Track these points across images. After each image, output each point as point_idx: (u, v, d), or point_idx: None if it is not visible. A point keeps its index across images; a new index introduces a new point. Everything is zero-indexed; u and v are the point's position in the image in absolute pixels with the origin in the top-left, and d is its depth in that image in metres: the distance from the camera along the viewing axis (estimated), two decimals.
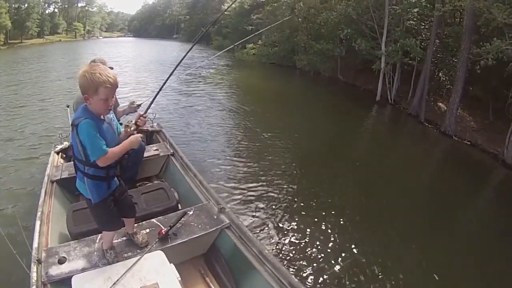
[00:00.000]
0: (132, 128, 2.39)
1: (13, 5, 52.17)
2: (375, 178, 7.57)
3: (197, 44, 46.71)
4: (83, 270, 2.51)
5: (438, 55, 14.60)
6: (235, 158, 7.76)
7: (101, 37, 77.21)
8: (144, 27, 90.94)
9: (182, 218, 3.07)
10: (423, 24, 14.68)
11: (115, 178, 2.44)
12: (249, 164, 7.50)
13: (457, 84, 11.72)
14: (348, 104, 15.91)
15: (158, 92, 3.04)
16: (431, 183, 8.09)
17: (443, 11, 12.06)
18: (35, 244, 2.74)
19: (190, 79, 17.72)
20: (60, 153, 4.99)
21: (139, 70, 21.12)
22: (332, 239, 5.11)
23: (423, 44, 14.35)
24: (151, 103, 2.96)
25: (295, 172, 7.35)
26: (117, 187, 2.47)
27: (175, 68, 3.21)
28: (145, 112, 2.60)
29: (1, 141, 8.52)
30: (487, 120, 12.12)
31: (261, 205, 5.79)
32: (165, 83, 3.10)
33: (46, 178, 4.02)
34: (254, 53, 29.36)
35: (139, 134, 2.35)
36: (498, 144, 10.08)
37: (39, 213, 3.21)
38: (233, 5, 40.45)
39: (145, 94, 12.79)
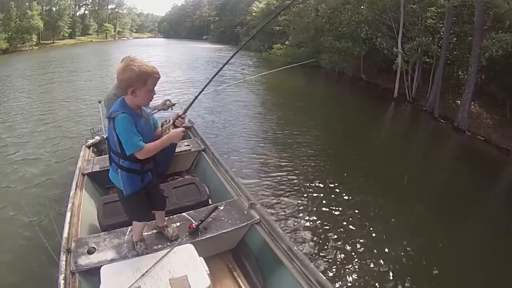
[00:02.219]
0: (168, 127, 2.39)
1: (45, 7, 53.68)
2: (389, 170, 7.86)
3: (227, 45, 48.00)
4: (112, 261, 2.55)
5: (455, 53, 14.97)
6: (263, 154, 8.07)
7: (131, 38, 78.63)
8: (173, 28, 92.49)
9: (213, 213, 3.10)
10: (442, 22, 14.90)
11: (149, 173, 2.47)
12: (277, 160, 7.75)
13: (470, 80, 12.18)
14: (367, 101, 16.55)
15: (197, 96, 2.99)
16: (442, 175, 8.29)
17: (451, 3, 12.49)
18: (65, 234, 2.80)
19: (219, 78, 18.38)
20: (91, 147, 5.10)
21: (172, 70, 21.75)
22: (357, 235, 5.20)
23: (440, 42, 14.65)
24: (190, 105, 2.92)
25: (320, 166, 7.67)
26: (150, 181, 2.49)
27: (217, 73, 3.21)
28: (184, 113, 2.58)
29: (35, 135, 8.95)
30: (504, 117, 12.30)
31: (291, 201, 5.93)
32: (206, 86, 3.13)
33: (77, 171, 4.10)
34: (281, 53, 30.04)
35: (181, 129, 2.37)
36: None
37: (69, 205, 3.28)
38: (260, 6, 41.33)
39: (181, 94, 13.34)
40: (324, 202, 6.08)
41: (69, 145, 8.08)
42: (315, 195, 6.30)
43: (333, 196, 6.34)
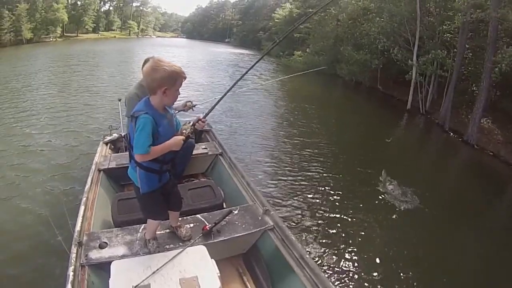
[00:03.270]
0: (188, 130, 2.40)
1: (70, 1, 55.63)
2: (398, 175, 7.91)
3: (249, 49, 48.52)
4: (123, 256, 2.57)
5: (470, 68, 15.22)
6: (279, 159, 8.27)
7: (154, 37, 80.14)
8: (197, 29, 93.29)
9: (227, 217, 3.11)
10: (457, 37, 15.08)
11: (167, 173, 2.49)
12: (291, 165, 7.92)
13: (481, 95, 12.38)
14: (381, 111, 17.11)
15: (219, 101, 2.94)
16: (448, 183, 8.83)
17: (466, 17, 12.89)
18: (77, 228, 2.83)
19: (240, 82, 18.71)
20: (109, 144, 5.13)
21: (195, 72, 22.27)
22: (367, 241, 5.38)
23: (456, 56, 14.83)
24: (212, 109, 2.85)
25: (333, 173, 7.86)
26: (167, 181, 2.51)
27: (239, 79, 3.20)
28: (205, 117, 2.60)
29: (53, 127, 9.09)
30: None
31: (305, 207, 6.04)
32: (227, 92, 3.09)
33: (93, 166, 4.13)
34: (301, 60, 30.44)
35: (181, 137, 2.34)
36: None
37: (84, 199, 3.30)
38: (283, 13, 41.91)
39: (202, 96, 13.55)
40: (335, 206, 6.34)
41: (86, 140, 8.22)
42: (328, 200, 6.51)
43: (344, 201, 6.57)
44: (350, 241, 5.33)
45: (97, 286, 2.44)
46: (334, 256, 4.89)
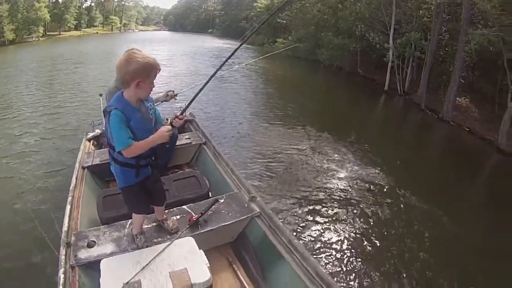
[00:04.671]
0: (166, 124, 2.35)
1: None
2: (375, 152, 8.67)
3: (232, 39, 48.42)
4: (112, 254, 2.55)
5: (447, 49, 15.58)
6: (264, 146, 8.36)
7: (136, 30, 79.08)
8: (179, 21, 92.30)
9: (213, 206, 3.10)
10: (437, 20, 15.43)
11: (148, 167, 2.44)
12: (275, 149, 8.18)
13: (455, 74, 12.85)
14: (360, 94, 17.61)
15: (196, 95, 2.78)
16: (425, 159, 9.29)
17: (438, 3, 13.43)
18: (64, 228, 2.79)
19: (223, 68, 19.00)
20: (92, 140, 5.07)
21: (177, 62, 22.59)
22: (351, 225, 5.55)
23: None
24: (189, 105, 2.73)
25: (315, 152, 8.26)
26: (147, 176, 2.46)
27: (213, 74, 2.97)
28: (182, 113, 2.52)
29: (36, 127, 9.14)
30: (493, 113, 12.85)
31: (291, 193, 6.17)
32: (203, 87, 2.89)
33: (77, 164, 4.07)
34: (283, 47, 30.56)
35: (167, 127, 2.25)
36: (497, 132, 10.97)
37: (69, 198, 3.27)
38: (265, 2, 41.79)
39: (185, 85, 13.06)
40: (319, 186, 6.65)
41: (70, 137, 8.25)
42: (312, 181, 6.77)
43: (326, 178, 7.01)
44: (337, 222, 5.53)
45: (88, 286, 2.44)
46: (321, 239, 5.06)
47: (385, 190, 6.88)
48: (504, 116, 10.75)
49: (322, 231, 5.35)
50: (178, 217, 3.03)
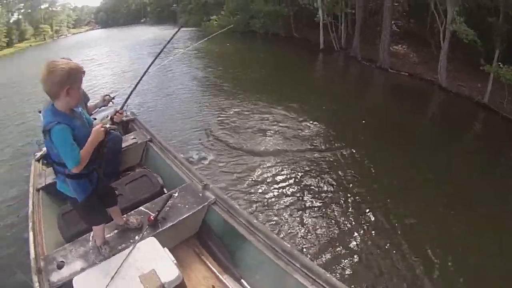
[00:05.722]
0: (108, 124, 2.32)
1: None
2: (315, 105, 9.23)
3: (165, 25, 47.14)
4: (82, 270, 2.55)
5: (378, 1, 15.81)
6: (213, 129, 8.17)
7: (69, 35, 75.19)
8: (111, 16, 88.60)
9: (169, 201, 3.11)
10: None
11: (94, 172, 2.41)
12: (222, 126, 8.21)
13: (385, 22, 13.12)
14: (298, 55, 17.89)
15: (134, 88, 2.74)
16: (377, 104, 9.86)
17: None
18: (32, 255, 2.78)
19: (160, 57, 18.34)
20: (41, 160, 4.90)
21: (112, 61, 20.87)
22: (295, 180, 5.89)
23: None
24: (128, 98, 2.70)
25: (254, 116, 8.65)
26: (97, 180, 2.46)
27: (151, 64, 2.88)
28: (122, 108, 2.53)
29: None
30: (431, 54, 13.27)
31: (241, 173, 6.17)
32: (141, 78, 2.79)
33: (31, 188, 4.02)
34: (217, 24, 30.01)
35: (99, 125, 2.25)
36: (436, 72, 11.43)
37: (30, 224, 3.24)
38: None
39: (122, 85, 12.82)
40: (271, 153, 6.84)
41: (20, 161, 7.67)
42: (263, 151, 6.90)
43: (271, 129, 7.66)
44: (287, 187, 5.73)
45: None
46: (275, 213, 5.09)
47: (332, 139, 7.39)
48: (440, 56, 11.12)
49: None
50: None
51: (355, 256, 4.29)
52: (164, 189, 3.82)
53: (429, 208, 5.21)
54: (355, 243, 4.52)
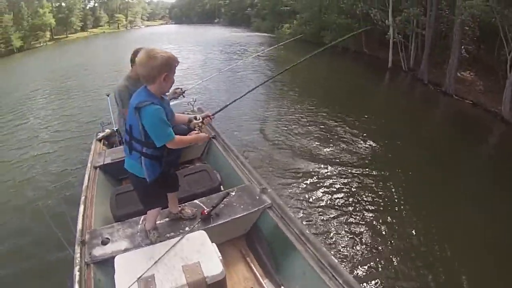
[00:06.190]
0: (198, 127, 2.58)
1: (54, 4, 55.76)
2: (378, 124, 9.41)
3: (238, 27, 48.73)
4: (126, 250, 2.58)
5: (448, 24, 15.77)
6: (273, 136, 8.53)
7: (143, 26, 79.40)
8: (185, 13, 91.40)
9: (225, 199, 3.11)
10: None
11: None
12: (287, 137, 8.45)
13: (455, 47, 13.07)
14: (366, 71, 18.26)
15: (232, 102, 3.12)
16: (431, 132, 9.65)
17: None
18: (79, 227, 2.88)
19: (232, 57, 19.53)
20: (102, 140, 5.20)
21: (187, 55, 22.84)
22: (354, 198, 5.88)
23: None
24: (223, 108, 2.96)
25: (327, 132, 8.80)
26: (168, 163, 2.55)
27: (251, 90, 3.51)
28: (214, 115, 2.74)
29: (48, 134, 9.43)
30: (498, 84, 12.75)
31: (301, 181, 6.32)
32: (241, 97, 3.22)
33: (89, 164, 4.17)
34: (289, 32, 30.69)
35: (207, 135, 2.42)
36: (501, 103, 11.00)
37: (83, 198, 3.36)
38: None
39: (195, 80, 13.37)
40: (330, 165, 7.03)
41: (82, 139, 8.45)
42: (323, 167, 6.98)
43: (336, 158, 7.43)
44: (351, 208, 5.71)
45: (103, 282, 2.50)
46: (333, 228, 5.15)
47: (387, 160, 7.48)
48: (506, 86, 10.88)
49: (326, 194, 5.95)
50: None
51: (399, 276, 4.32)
52: (221, 187, 3.83)
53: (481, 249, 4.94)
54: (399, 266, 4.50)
